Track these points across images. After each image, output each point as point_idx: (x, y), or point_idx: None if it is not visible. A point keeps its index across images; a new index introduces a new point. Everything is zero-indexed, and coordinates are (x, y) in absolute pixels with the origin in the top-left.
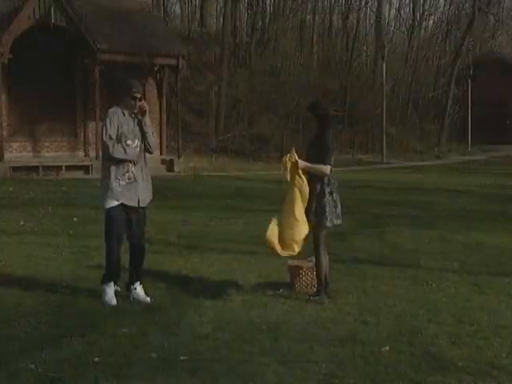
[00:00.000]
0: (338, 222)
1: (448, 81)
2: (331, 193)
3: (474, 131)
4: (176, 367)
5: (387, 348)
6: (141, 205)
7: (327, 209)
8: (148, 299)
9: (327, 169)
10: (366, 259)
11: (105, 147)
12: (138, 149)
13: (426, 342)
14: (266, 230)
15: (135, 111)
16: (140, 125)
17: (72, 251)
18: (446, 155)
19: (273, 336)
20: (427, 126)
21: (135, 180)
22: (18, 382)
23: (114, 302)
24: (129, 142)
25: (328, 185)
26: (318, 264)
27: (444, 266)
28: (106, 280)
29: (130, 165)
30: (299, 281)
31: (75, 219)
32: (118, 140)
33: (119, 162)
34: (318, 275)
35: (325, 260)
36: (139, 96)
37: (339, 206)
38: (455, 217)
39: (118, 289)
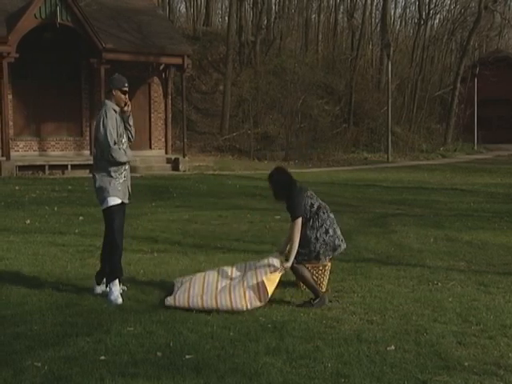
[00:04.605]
0: (343, 246)
1: (454, 79)
2: (327, 231)
3: (480, 130)
4: (181, 366)
5: (393, 347)
6: (129, 200)
7: (321, 251)
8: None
9: (297, 224)
10: (372, 258)
11: (110, 151)
12: (127, 144)
13: (431, 341)
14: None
15: (122, 105)
16: (123, 120)
17: (78, 250)
18: (452, 154)
19: (278, 335)
20: (433, 125)
21: (127, 177)
22: (24, 380)
23: (119, 300)
24: (123, 140)
25: (315, 228)
26: (301, 277)
27: (450, 266)
28: (112, 279)
29: (126, 164)
30: None
31: (81, 218)
32: (118, 142)
33: (119, 163)
34: (308, 284)
35: (305, 269)
36: (128, 91)
37: (338, 234)
38: (461, 216)
39: (125, 288)
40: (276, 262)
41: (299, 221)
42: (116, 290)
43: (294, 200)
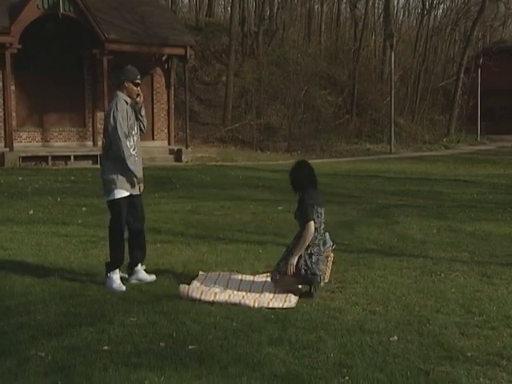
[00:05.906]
0: (320, 283)
1: (457, 70)
2: (310, 255)
3: (483, 121)
4: (184, 356)
5: (395, 338)
6: (140, 191)
7: (302, 270)
8: (153, 276)
9: (310, 227)
10: (374, 249)
11: (117, 143)
12: (137, 135)
13: (434, 332)
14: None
15: (134, 97)
16: (135, 111)
17: (81, 240)
18: (455, 145)
19: (281, 325)
20: (436, 116)
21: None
22: (28, 370)
23: (123, 288)
24: (133, 132)
25: (312, 255)
26: (288, 286)
27: (453, 257)
28: (112, 268)
29: (135, 155)
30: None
31: (84, 209)
32: (129, 134)
33: (120, 157)
34: (297, 283)
35: (285, 279)
36: (140, 83)
37: (320, 267)
38: (464, 207)
39: (126, 275)
40: (292, 298)
41: (311, 224)
42: (117, 278)
43: (304, 201)
